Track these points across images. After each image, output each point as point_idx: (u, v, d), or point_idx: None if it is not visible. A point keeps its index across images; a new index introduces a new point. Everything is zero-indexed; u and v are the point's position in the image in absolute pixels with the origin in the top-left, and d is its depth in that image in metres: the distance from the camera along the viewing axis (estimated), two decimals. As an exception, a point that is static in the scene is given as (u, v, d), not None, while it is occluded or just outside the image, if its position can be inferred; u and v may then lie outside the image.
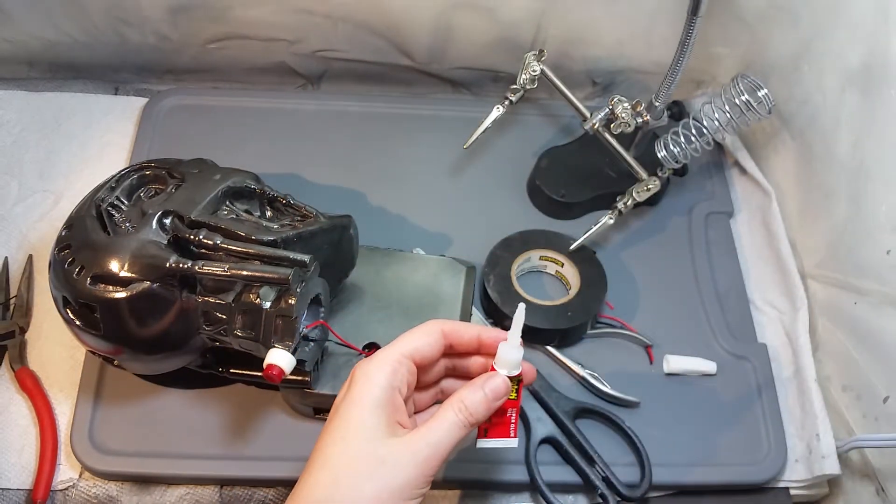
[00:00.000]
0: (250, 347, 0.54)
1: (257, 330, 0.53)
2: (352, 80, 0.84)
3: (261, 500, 0.61)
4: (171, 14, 0.75)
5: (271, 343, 0.52)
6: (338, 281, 0.62)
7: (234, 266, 0.52)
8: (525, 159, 0.78)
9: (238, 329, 0.53)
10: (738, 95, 0.65)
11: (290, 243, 0.55)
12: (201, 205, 0.55)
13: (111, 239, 0.54)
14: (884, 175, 0.61)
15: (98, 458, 0.60)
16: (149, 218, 0.55)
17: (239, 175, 0.60)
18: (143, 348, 0.55)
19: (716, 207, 0.78)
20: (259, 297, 0.52)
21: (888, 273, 0.60)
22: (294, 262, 0.52)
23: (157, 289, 0.52)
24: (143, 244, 0.53)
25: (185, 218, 0.55)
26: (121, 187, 0.59)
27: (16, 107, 0.79)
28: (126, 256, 0.52)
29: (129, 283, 0.52)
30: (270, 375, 0.52)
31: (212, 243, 0.53)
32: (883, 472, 0.61)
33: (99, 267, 0.52)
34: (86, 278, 0.52)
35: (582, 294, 0.68)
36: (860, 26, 0.62)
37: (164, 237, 0.54)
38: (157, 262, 0.52)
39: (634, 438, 0.63)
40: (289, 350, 0.52)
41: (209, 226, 0.54)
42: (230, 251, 0.53)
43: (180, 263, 0.52)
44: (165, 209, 0.55)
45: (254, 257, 0.53)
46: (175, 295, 0.53)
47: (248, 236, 0.54)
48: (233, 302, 0.53)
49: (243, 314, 0.53)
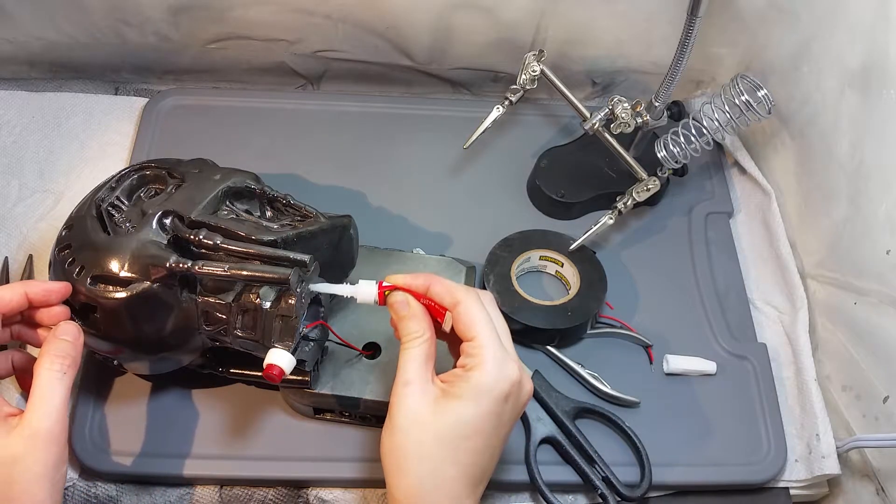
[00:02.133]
0: (250, 347, 0.54)
1: (257, 330, 0.53)
2: (352, 80, 0.84)
3: (261, 500, 0.61)
4: (172, 14, 0.75)
5: (271, 343, 0.52)
6: (338, 281, 0.62)
7: (233, 266, 0.52)
8: (525, 159, 0.78)
9: (238, 329, 0.53)
10: (738, 95, 0.66)
11: (290, 243, 0.55)
12: (201, 205, 0.56)
13: (111, 239, 0.54)
14: (883, 175, 0.61)
15: (98, 458, 0.60)
16: (149, 218, 0.55)
17: (239, 175, 0.59)
18: (142, 348, 0.55)
19: (716, 207, 0.78)
20: (259, 297, 0.52)
21: (888, 273, 0.60)
22: (294, 262, 0.52)
23: (156, 289, 0.52)
24: (143, 244, 0.53)
25: (185, 218, 0.55)
26: (121, 187, 0.59)
27: (16, 107, 0.79)
28: (126, 256, 0.52)
29: (129, 283, 0.52)
30: (270, 375, 0.52)
31: (212, 243, 0.53)
32: (883, 472, 0.61)
33: (99, 267, 0.52)
34: (86, 278, 0.52)
35: (582, 294, 0.68)
36: (860, 26, 0.62)
37: (163, 237, 0.54)
38: (157, 262, 0.52)
39: (634, 438, 0.63)
40: (289, 350, 0.52)
41: (209, 226, 0.54)
42: (230, 251, 0.53)
43: (180, 263, 0.52)
44: (165, 209, 0.55)
45: (254, 257, 0.53)
46: (175, 295, 0.53)
47: (249, 236, 0.54)
48: (233, 302, 0.53)
49: (243, 314, 0.53)
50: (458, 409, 0.48)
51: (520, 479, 0.61)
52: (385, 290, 0.53)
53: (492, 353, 0.49)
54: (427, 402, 0.48)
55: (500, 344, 0.50)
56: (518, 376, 0.49)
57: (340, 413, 0.62)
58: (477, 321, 0.50)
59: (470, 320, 0.50)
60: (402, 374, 0.49)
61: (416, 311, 0.51)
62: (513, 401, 0.50)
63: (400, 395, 0.49)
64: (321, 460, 0.61)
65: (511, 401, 0.49)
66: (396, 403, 0.48)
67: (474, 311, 0.50)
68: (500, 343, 0.50)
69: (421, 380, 0.49)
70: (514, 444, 0.62)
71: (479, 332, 0.49)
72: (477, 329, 0.49)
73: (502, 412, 0.49)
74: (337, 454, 0.61)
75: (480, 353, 0.49)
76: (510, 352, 0.50)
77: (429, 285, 0.52)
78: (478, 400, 0.48)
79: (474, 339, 0.49)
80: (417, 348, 0.50)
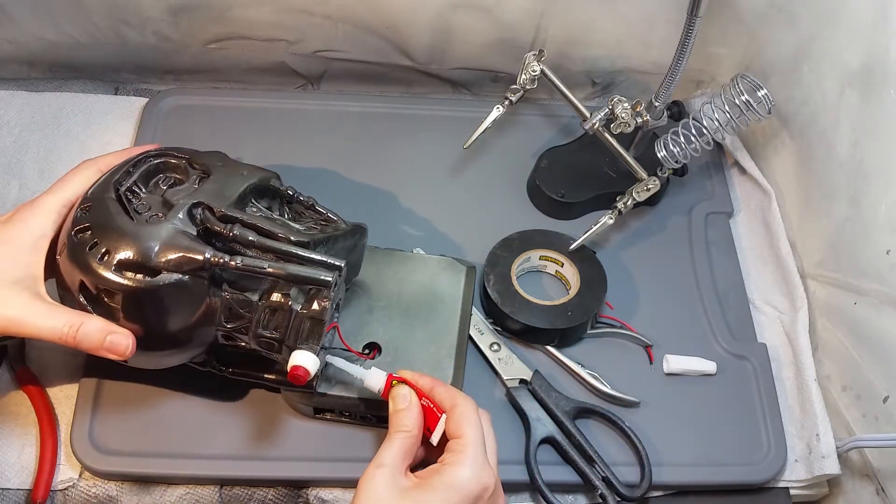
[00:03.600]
0: (269, 347, 0.53)
1: (283, 330, 0.52)
2: (352, 80, 0.84)
3: (261, 500, 0.61)
4: (172, 14, 0.75)
5: (296, 345, 0.52)
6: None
7: (274, 265, 0.51)
8: (525, 159, 0.78)
9: (262, 328, 0.52)
10: (738, 95, 0.66)
11: (318, 245, 0.54)
12: (231, 199, 0.54)
13: (138, 225, 0.52)
14: (884, 175, 0.61)
15: (98, 457, 0.60)
16: (178, 208, 0.53)
17: (264, 173, 0.59)
18: (157, 342, 0.53)
19: (716, 207, 0.78)
20: (289, 298, 0.52)
21: (888, 273, 0.60)
22: (331, 266, 0.52)
23: (187, 281, 0.51)
24: (175, 234, 0.51)
25: (216, 211, 0.53)
26: (138, 172, 0.57)
27: (16, 107, 0.79)
28: (157, 244, 0.50)
29: (157, 272, 0.50)
30: (296, 376, 0.51)
31: (247, 240, 0.52)
32: (883, 472, 0.61)
33: (126, 252, 0.50)
34: (110, 264, 0.50)
35: (582, 294, 0.68)
36: (860, 26, 0.62)
37: (192, 229, 0.53)
38: (191, 254, 0.50)
39: (634, 438, 0.63)
40: (314, 353, 0.51)
41: (243, 222, 0.53)
42: (268, 248, 0.52)
43: (217, 258, 0.51)
44: (196, 200, 0.54)
45: (289, 257, 0.52)
46: (204, 289, 0.52)
47: (285, 236, 0.53)
48: (259, 300, 0.52)
49: (271, 313, 0.52)
50: (425, 499, 0.48)
51: (520, 479, 0.61)
52: (393, 380, 0.54)
53: (473, 453, 0.50)
54: (395, 491, 0.48)
55: (483, 450, 0.51)
56: (493, 486, 0.50)
57: (340, 413, 0.62)
58: (469, 423, 0.51)
59: (463, 421, 0.51)
60: (378, 457, 0.50)
61: (414, 408, 0.53)
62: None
63: (369, 476, 0.49)
64: (321, 460, 0.61)
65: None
66: (364, 483, 0.49)
67: (469, 414, 0.52)
68: (484, 451, 0.51)
69: (394, 467, 0.50)
70: (514, 444, 0.62)
71: (467, 431, 0.51)
72: (465, 429, 0.51)
73: None
74: (337, 454, 0.61)
75: (464, 450, 0.50)
76: (493, 465, 0.51)
77: (433, 387, 0.54)
78: (448, 494, 0.48)
79: (461, 438, 0.51)
80: (402, 441, 0.51)
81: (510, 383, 0.65)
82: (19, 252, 0.53)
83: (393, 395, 0.54)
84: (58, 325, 0.50)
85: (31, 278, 0.53)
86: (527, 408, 0.64)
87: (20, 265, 0.53)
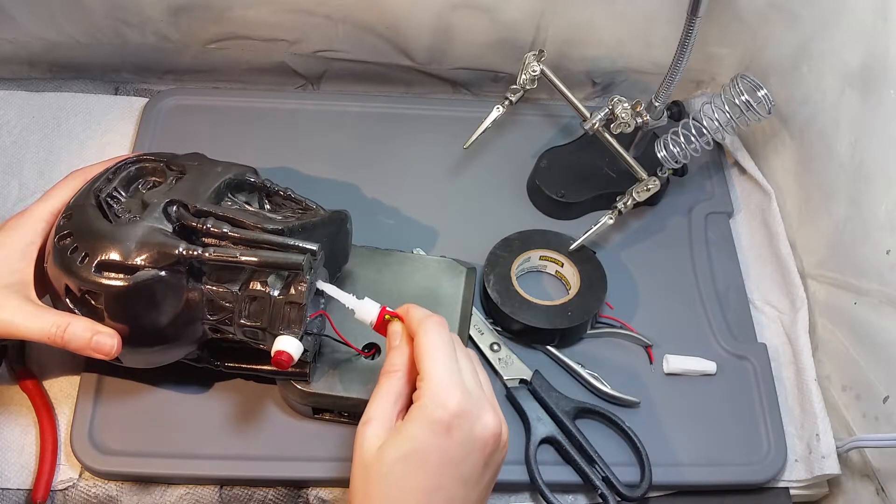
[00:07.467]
0: (254, 336, 0.54)
1: (264, 318, 0.53)
2: (352, 80, 0.84)
3: (260, 499, 0.61)
4: (172, 14, 0.75)
5: (279, 331, 0.52)
6: (332, 274, 0.62)
7: (245, 252, 0.52)
8: (525, 159, 0.78)
9: (244, 318, 0.53)
10: (738, 95, 0.66)
11: (294, 233, 0.55)
12: (205, 195, 0.55)
13: (115, 227, 0.53)
14: (884, 175, 0.61)
15: (98, 457, 0.60)
16: (153, 207, 0.54)
17: (239, 168, 0.60)
18: (145, 337, 0.54)
19: (716, 207, 0.78)
20: (267, 285, 0.52)
21: (888, 273, 0.60)
22: (303, 250, 0.52)
23: (165, 276, 0.52)
24: (149, 231, 0.52)
25: (190, 207, 0.54)
26: (118, 178, 0.58)
27: (16, 107, 0.79)
28: (133, 244, 0.52)
29: (135, 270, 0.51)
30: (279, 361, 0.51)
31: (220, 232, 0.53)
32: (883, 472, 0.61)
33: (104, 254, 0.51)
34: (90, 266, 0.51)
35: (582, 294, 0.68)
36: (860, 26, 0.62)
37: (168, 226, 0.54)
38: (166, 249, 0.51)
39: (634, 438, 0.63)
40: (297, 337, 0.52)
41: (216, 215, 0.54)
42: (238, 239, 0.53)
43: (190, 250, 0.51)
44: (170, 198, 0.55)
45: (262, 245, 0.53)
46: (182, 283, 0.53)
47: (256, 225, 0.54)
48: (239, 290, 0.53)
49: (250, 302, 0.53)
50: (397, 445, 0.45)
51: (520, 479, 0.61)
52: (386, 314, 0.52)
53: (435, 382, 0.46)
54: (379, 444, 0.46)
55: (448, 373, 0.46)
56: (461, 408, 0.45)
57: (340, 413, 0.62)
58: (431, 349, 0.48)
59: (423, 349, 0.48)
60: (366, 412, 0.48)
61: (404, 345, 0.50)
62: (460, 435, 0.45)
63: (357, 434, 0.47)
64: (321, 460, 0.61)
65: (456, 435, 0.45)
66: (356, 442, 0.47)
67: (429, 339, 0.48)
68: (451, 372, 0.47)
69: (382, 418, 0.47)
70: (514, 444, 0.62)
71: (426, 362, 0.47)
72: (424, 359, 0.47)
73: (447, 447, 0.45)
74: (337, 454, 0.61)
75: (422, 384, 0.46)
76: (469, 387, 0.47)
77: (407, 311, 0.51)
78: (414, 433, 0.45)
79: (420, 371, 0.47)
80: (389, 383, 0.48)
81: (510, 383, 0.65)
82: (9, 259, 0.55)
83: (388, 331, 0.52)
84: (45, 327, 0.52)
85: (22, 283, 0.55)
86: (527, 408, 0.64)
87: (11, 271, 0.55)
